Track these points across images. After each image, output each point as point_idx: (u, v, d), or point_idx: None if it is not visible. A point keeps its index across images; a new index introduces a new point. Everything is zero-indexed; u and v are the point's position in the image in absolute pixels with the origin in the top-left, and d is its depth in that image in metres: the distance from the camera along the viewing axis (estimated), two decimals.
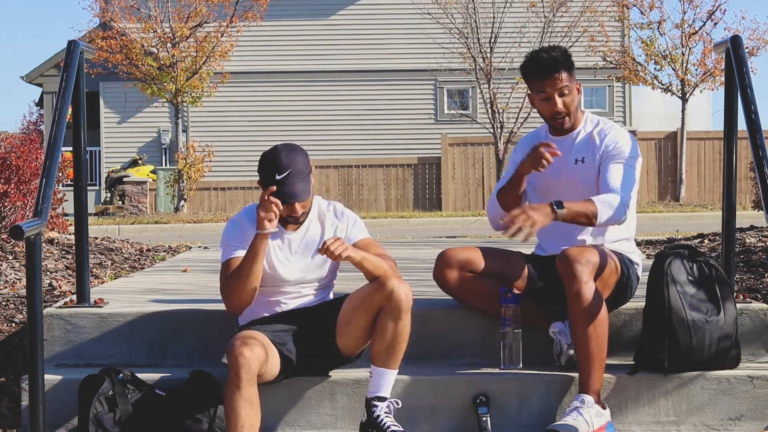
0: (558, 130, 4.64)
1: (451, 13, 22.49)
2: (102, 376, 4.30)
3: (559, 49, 4.59)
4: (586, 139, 4.61)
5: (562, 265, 4.32)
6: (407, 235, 14.12)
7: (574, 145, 4.61)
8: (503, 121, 22.23)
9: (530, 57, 4.60)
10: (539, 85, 4.55)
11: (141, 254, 7.88)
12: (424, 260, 6.50)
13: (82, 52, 4.94)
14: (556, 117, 4.57)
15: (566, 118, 4.58)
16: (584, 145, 4.60)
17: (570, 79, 4.54)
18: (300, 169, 4.20)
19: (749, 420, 4.43)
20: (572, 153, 4.60)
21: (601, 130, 4.61)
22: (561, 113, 4.56)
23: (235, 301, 4.21)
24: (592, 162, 4.56)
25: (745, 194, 18.65)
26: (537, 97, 4.59)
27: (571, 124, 4.61)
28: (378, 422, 4.19)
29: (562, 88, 4.53)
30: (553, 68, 4.51)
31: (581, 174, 4.56)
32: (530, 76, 4.58)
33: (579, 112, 4.65)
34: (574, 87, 4.57)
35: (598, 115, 4.77)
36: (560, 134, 4.66)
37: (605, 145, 4.55)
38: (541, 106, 4.60)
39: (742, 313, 4.65)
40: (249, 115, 26.14)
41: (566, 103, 4.55)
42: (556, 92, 4.53)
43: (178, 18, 21.63)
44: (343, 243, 4.09)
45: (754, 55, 22.11)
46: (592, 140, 4.60)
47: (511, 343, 4.53)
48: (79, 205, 5.03)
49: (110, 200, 24.58)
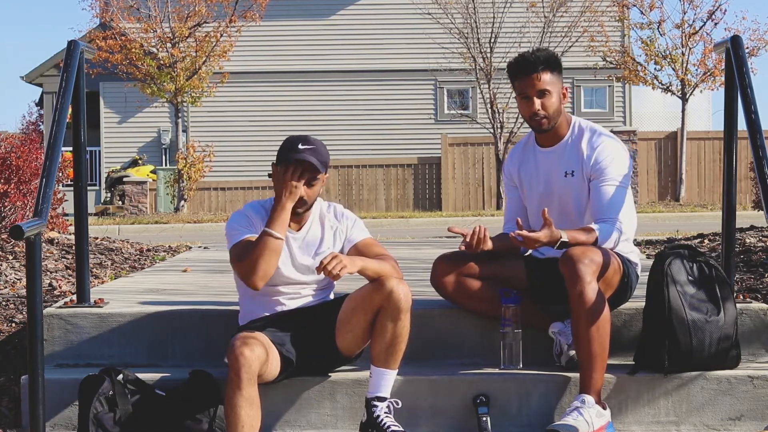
0: (539, 133, 4.58)
1: (451, 13, 22.51)
2: (102, 376, 4.30)
3: (545, 51, 4.55)
4: (574, 149, 4.56)
5: (565, 265, 4.31)
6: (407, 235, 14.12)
7: (563, 156, 4.58)
8: (503, 121, 22.24)
9: (515, 57, 4.60)
10: (520, 85, 4.53)
11: (141, 254, 7.88)
12: (424, 260, 6.49)
13: (82, 52, 4.94)
14: (534, 117, 4.51)
15: (544, 119, 4.51)
16: (573, 156, 4.55)
17: (553, 82, 4.49)
18: (322, 152, 4.24)
19: (749, 420, 4.42)
20: (561, 165, 4.56)
21: (591, 141, 4.54)
22: (539, 114, 4.50)
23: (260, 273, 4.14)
24: (580, 175, 4.52)
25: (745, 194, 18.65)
26: (518, 97, 4.56)
27: (551, 126, 4.54)
28: (378, 422, 4.20)
29: (541, 90, 4.48)
30: (532, 68, 4.47)
31: (572, 188, 4.53)
32: (513, 77, 4.56)
33: (564, 118, 4.59)
34: (558, 90, 4.50)
35: (599, 116, 4.76)
36: (547, 145, 4.63)
37: (595, 161, 4.49)
38: (521, 106, 4.57)
39: (742, 313, 4.65)
40: (249, 115, 26.15)
41: (545, 105, 4.49)
42: (535, 93, 4.49)
43: (178, 18, 21.64)
44: (341, 261, 4.06)
45: (754, 55, 22.12)
46: (579, 152, 4.53)
47: (511, 343, 4.53)
48: (79, 205, 5.03)
49: (110, 200, 24.59)
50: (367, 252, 4.32)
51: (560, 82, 4.54)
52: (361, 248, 4.34)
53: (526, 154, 4.71)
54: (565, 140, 4.59)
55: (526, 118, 4.58)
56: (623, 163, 4.51)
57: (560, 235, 4.29)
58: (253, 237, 4.22)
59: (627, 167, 4.53)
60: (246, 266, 4.15)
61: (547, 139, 4.62)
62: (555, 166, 4.56)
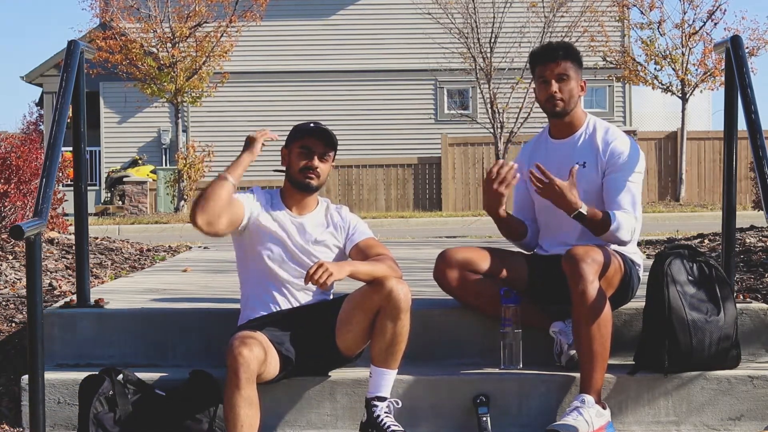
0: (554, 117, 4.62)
1: (451, 13, 22.49)
2: (102, 376, 4.30)
3: (568, 44, 4.69)
4: (588, 142, 4.60)
5: (567, 264, 4.31)
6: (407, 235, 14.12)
7: (576, 148, 4.61)
8: (503, 121, 22.23)
9: (540, 46, 4.73)
10: (540, 70, 4.62)
11: (141, 254, 7.88)
12: (424, 260, 6.50)
13: (82, 52, 4.94)
14: (550, 99, 4.58)
15: (560, 101, 4.58)
16: (587, 148, 4.58)
17: (572, 69, 4.58)
18: (333, 136, 4.39)
19: (749, 420, 4.43)
20: (574, 156, 4.59)
21: (606, 137, 4.59)
22: (555, 96, 4.57)
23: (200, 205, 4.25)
24: (594, 167, 4.55)
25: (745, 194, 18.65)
26: (537, 82, 4.63)
27: (565, 111, 4.59)
28: (378, 422, 4.20)
29: (560, 74, 4.57)
30: (554, 54, 4.59)
31: (583, 179, 4.53)
32: (535, 64, 4.66)
33: (581, 112, 4.66)
34: (576, 79, 4.59)
35: (599, 116, 4.78)
36: (561, 137, 4.66)
37: (611, 154, 4.54)
38: (539, 90, 4.64)
39: (742, 313, 4.65)
40: (249, 115, 26.14)
41: (562, 89, 4.57)
42: (554, 76, 4.57)
43: (178, 18, 21.63)
44: (326, 269, 4.06)
45: (754, 55, 22.11)
46: (594, 145, 4.58)
47: (511, 343, 4.53)
48: (79, 205, 5.03)
49: (110, 200, 24.59)
50: (368, 252, 4.34)
51: (579, 74, 4.63)
52: (363, 248, 4.35)
53: (538, 146, 4.76)
54: (580, 133, 4.64)
55: (542, 102, 4.64)
56: (639, 162, 4.56)
57: (581, 204, 4.32)
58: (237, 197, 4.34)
59: (642, 167, 4.57)
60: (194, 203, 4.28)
61: (561, 131, 4.66)
62: (567, 157, 4.58)
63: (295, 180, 4.38)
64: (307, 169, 4.35)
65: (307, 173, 4.35)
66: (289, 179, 4.43)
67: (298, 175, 4.36)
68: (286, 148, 4.43)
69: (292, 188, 4.42)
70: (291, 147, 4.40)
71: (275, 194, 4.47)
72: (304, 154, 4.35)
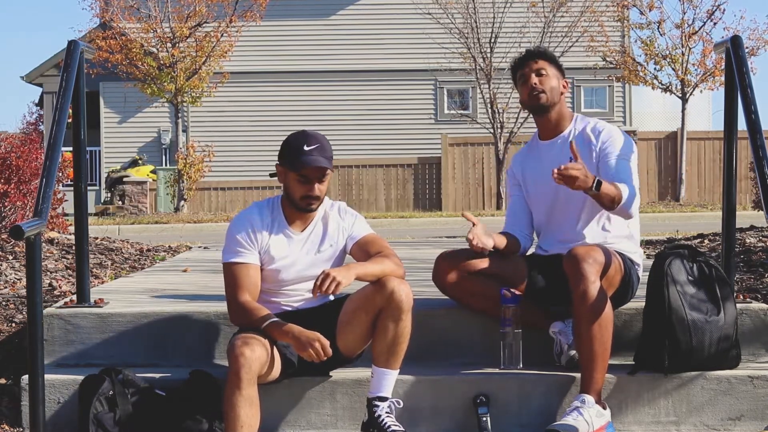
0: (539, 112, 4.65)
1: (451, 13, 22.51)
2: (102, 376, 4.30)
3: (544, 48, 4.80)
4: (579, 137, 4.62)
5: (569, 264, 4.32)
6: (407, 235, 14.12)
7: (567, 145, 4.60)
8: (503, 121, 22.24)
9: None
10: (520, 74, 4.69)
11: (141, 254, 7.88)
12: (424, 260, 6.49)
13: (82, 52, 4.94)
14: (531, 93, 4.62)
15: (542, 94, 4.62)
16: (578, 143, 4.57)
17: (549, 68, 4.64)
18: (326, 148, 4.26)
19: (749, 420, 4.42)
20: (566, 152, 4.59)
21: (594, 128, 4.65)
22: (536, 88, 4.62)
23: (239, 321, 4.25)
24: (588, 159, 4.56)
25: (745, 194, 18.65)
26: (519, 84, 4.70)
27: (549, 104, 4.63)
28: (379, 422, 4.19)
29: (537, 69, 4.64)
30: (530, 55, 4.69)
31: None
32: (515, 70, 4.73)
33: (566, 111, 4.69)
34: (556, 77, 4.64)
35: (599, 116, 4.80)
36: (550, 137, 4.68)
37: (601, 141, 4.59)
38: (521, 92, 4.70)
39: (742, 313, 4.65)
40: (249, 115, 26.14)
41: (542, 81, 4.63)
42: (532, 72, 4.64)
43: (178, 18, 21.63)
44: (333, 278, 4.02)
45: (754, 55, 22.11)
46: (585, 137, 4.62)
47: (511, 343, 4.53)
48: (79, 205, 5.03)
49: (110, 200, 24.57)
50: (369, 248, 4.32)
51: (559, 75, 4.68)
52: (363, 245, 4.34)
53: (530, 151, 4.81)
54: (569, 130, 4.68)
55: (525, 101, 4.69)
56: (629, 144, 4.60)
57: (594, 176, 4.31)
58: (251, 263, 4.24)
59: (633, 149, 4.61)
60: (235, 315, 4.23)
61: (550, 131, 4.69)
62: (560, 155, 4.59)
63: (296, 205, 4.30)
64: (308, 197, 4.29)
65: (309, 201, 4.29)
66: (288, 199, 4.33)
67: (299, 202, 4.29)
68: (281, 166, 4.30)
69: (291, 207, 4.34)
70: (288, 174, 4.27)
71: (276, 206, 4.37)
72: (302, 182, 4.25)
